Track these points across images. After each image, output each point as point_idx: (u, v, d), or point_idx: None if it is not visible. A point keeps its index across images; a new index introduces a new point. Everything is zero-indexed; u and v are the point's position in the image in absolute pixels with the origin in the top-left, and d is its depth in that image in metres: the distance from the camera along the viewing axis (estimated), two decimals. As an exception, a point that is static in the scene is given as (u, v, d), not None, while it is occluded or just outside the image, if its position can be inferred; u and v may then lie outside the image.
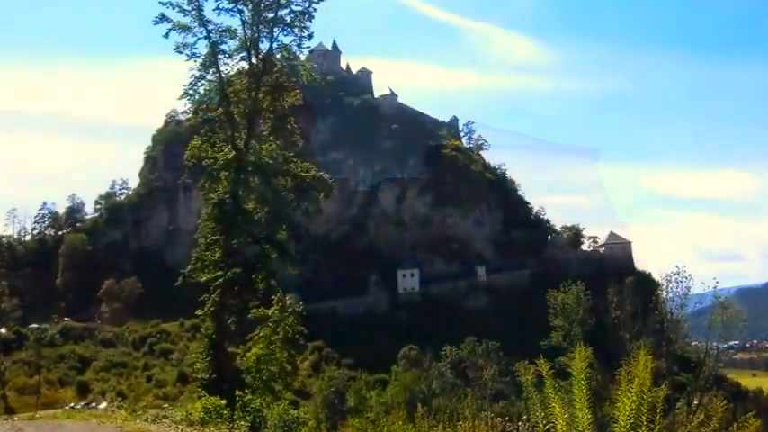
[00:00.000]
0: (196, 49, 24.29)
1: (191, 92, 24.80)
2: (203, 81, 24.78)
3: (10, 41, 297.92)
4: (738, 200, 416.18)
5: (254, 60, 24.97)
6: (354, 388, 63.59)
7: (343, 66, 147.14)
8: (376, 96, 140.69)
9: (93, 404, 56.15)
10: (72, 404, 57.27)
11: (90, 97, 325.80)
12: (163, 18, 23.98)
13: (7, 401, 65.04)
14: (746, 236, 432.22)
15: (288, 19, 24.56)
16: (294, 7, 24.43)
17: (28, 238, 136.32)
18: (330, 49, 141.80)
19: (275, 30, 24.77)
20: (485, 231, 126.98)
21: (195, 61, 24.33)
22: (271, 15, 24.58)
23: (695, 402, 27.84)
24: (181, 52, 24.25)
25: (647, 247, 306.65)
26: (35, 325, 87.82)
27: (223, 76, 24.94)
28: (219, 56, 24.60)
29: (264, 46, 25.00)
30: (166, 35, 24.17)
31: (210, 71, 24.74)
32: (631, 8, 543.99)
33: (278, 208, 25.48)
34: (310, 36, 24.92)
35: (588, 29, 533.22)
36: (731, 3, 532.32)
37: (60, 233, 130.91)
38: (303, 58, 26.87)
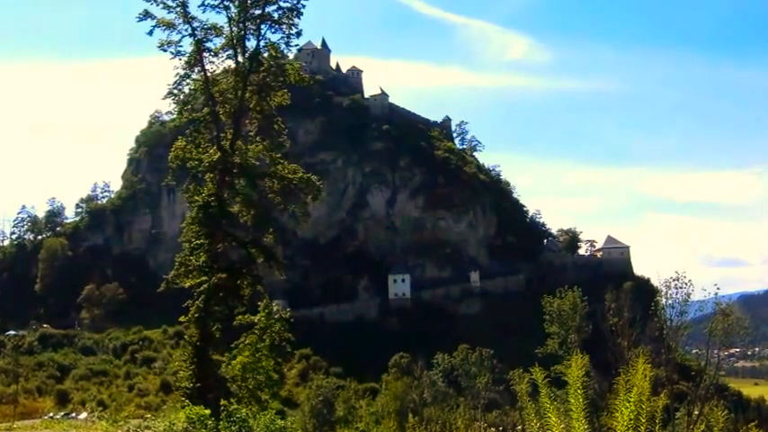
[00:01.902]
0: (181, 46, 23.81)
1: (175, 91, 24.21)
2: (188, 80, 24.21)
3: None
4: (739, 203, 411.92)
5: (240, 59, 24.42)
6: (343, 397, 62.72)
7: (333, 64, 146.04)
8: (366, 96, 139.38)
9: (73, 414, 54.80)
10: (51, 414, 56.02)
11: (71, 97, 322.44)
12: (146, 15, 23.47)
13: (-17, 412, 62.90)
14: (748, 240, 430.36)
15: (276, 16, 24.09)
16: (282, 3, 23.97)
17: (6, 242, 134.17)
18: (319, 47, 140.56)
19: (262, 27, 24.27)
20: (478, 235, 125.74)
21: (180, 60, 23.77)
22: (258, 12, 24.04)
23: (696, 412, 27.49)
24: (165, 50, 23.75)
25: (646, 251, 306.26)
26: (13, 332, 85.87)
27: (209, 74, 24.32)
28: (205, 54, 24.03)
29: (251, 44, 24.53)
30: (150, 32, 23.66)
31: (195, 70, 24.16)
32: (628, 6, 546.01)
33: (264, 211, 24.95)
34: (299, 34, 24.46)
35: (585, 27, 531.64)
36: (730, 2, 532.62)
37: (40, 237, 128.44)
38: (291, 56, 26.19)
